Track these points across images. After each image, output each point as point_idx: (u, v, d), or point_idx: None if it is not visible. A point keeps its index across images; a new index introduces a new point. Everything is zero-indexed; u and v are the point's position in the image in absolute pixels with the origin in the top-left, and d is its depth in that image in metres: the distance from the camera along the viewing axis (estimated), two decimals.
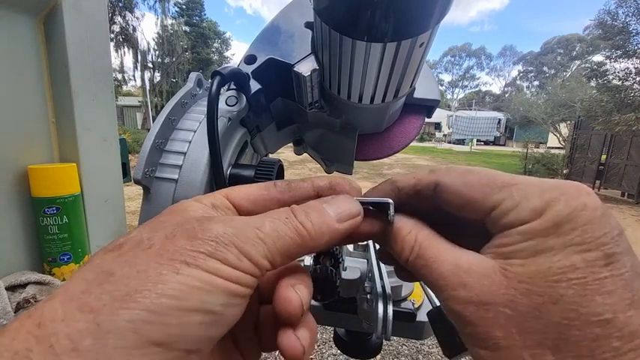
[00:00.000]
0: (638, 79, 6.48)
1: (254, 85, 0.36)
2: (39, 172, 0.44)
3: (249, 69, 0.36)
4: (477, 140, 22.98)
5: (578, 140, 8.19)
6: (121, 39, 16.01)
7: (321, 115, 0.38)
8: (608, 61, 7.04)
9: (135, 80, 19.43)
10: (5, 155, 0.42)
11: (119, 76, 17.93)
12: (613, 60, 6.89)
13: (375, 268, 0.38)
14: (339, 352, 0.59)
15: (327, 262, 0.37)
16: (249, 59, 0.36)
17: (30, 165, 0.44)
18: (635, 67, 6.53)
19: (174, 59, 18.65)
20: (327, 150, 0.48)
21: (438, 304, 0.27)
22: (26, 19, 0.43)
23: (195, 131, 0.33)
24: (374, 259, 0.39)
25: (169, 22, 18.78)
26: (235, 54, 25.87)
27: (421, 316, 0.41)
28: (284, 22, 0.37)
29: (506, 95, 40.02)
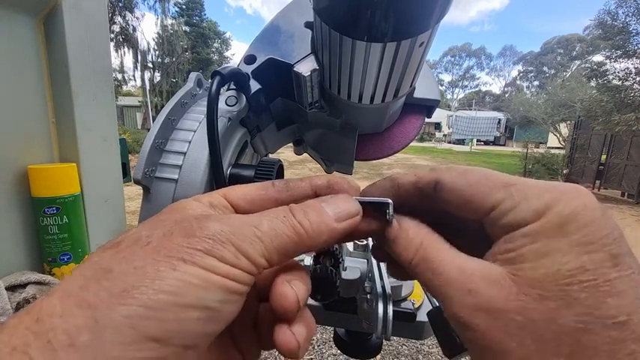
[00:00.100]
0: (638, 79, 6.48)
1: (254, 85, 0.36)
2: (39, 172, 0.44)
3: (249, 69, 0.36)
4: (477, 140, 22.98)
5: (578, 140, 8.19)
6: (121, 39, 16.01)
7: (321, 115, 0.38)
8: (608, 61, 7.04)
9: (135, 80, 19.47)
10: (5, 155, 0.42)
11: (119, 76, 17.94)
12: (613, 60, 6.89)
13: (375, 268, 0.38)
14: (339, 352, 0.59)
15: (327, 262, 0.37)
16: (249, 59, 0.36)
17: (30, 165, 0.44)
18: (635, 67, 6.53)
19: (174, 59, 18.66)
20: (327, 150, 0.48)
21: (437, 304, 0.27)
22: (26, 19, 0.43)
23: (195, 131, 0.33)
24: (374, 259, 0.39)
25: (169, 22, 18.80)
26: (235, 54, 25.89)
27: (421, 316, 0.40)
28: (284, 22, 0.37)
29: (506, 95, 40.01)
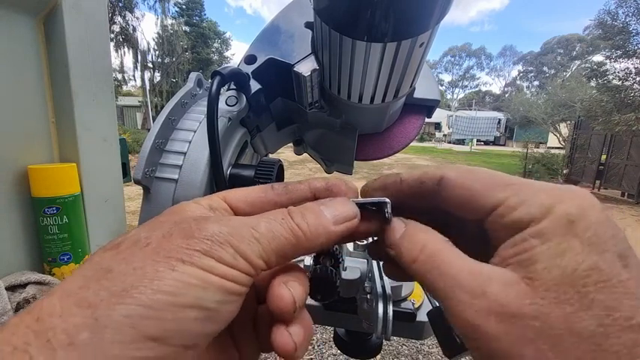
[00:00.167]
0: (638, 79, 6.48)
1: (254, 85, 0.36)
2: (39, 172, 0.44)
3: (249, 69, 0.36)
4: (477, 140, 22.98)
5: (578, 140, 8.19)
6: (121, 39, 16.01)
7: (321, 115, 0.38)
8: (608, 61, 7.04)
9: (135, 80, 19.47)
10: (5, 155, 0.42)
11: (119, 76, 17.95)
12: (613, 60, 6.89)
13: (375, 268, 0.38)
14: (339, 352, 0.59)
15: (327, 262, 0.37)
16: (249, 59, 0.36)
17: (30, 165, 0.44)
18: (635, 67, 6.53)
19: (174, 59, 18.65)
20: (327, 150, 0.48)
21: (437, 304, 0.27)
22: (26, 19, 0.43)
23: (195, 131, 0.33)
24: (370, 257, 0.39)
25: (169, 22, 18.80)
26: (235, 54, 25.89)
27: (421, 316, 0.41)
28: (284, 22, 0.37)
29: (506, 95, 40.01)
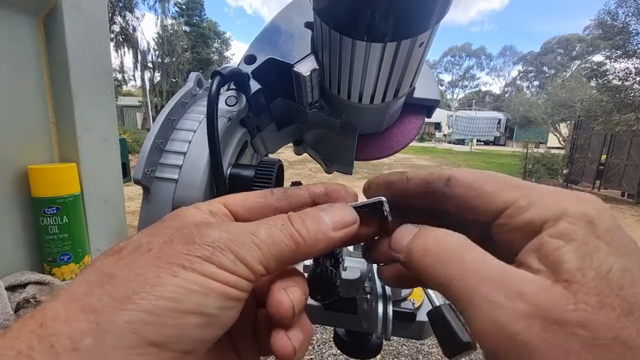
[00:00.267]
0: (638, 79, 6.48)
1: (254, 85, 0.36)
2: (39, 172, 0.44)
3: (249, 69, 0.36)
4: (477, 140, 22.98)
5: (578, 140, 8.19)
6: (121, 39, 16.01)
7: (321, 115, 0.38)
8: (608, 61, 7.05)
9: (135, 80, 19.46)
10: (5, 155, 0.42)
11: (119, 76, 17.94)
12: (613, 60, 6.89)
13: (375, 268, 0.38)
14: (339, 352, 0.59)
15: (327, 262, 0.37)
16: (249, 59, 0.36)
17: (30, 165, 0.44)
18: (635, 67, 6.53)
19: (174, 59, 18.65)
20: (327, 150, 0.48)
21: (438, 304, 0.27)
22: (26, 19, 0.43)
23: (195, 131, 0.33)
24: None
25: (169, 22, 18.80)
26: (235, 54, 25.90)
27: (421, 316, 0.41)
28: (284, 22, 0.37)
29: (506, 95, 40.01)
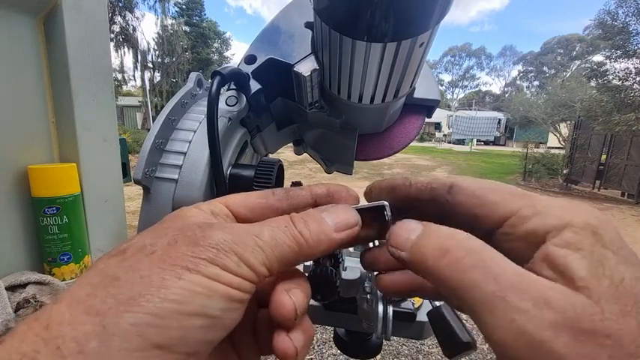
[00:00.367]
0: (638, 79, 6.48)
1: (254, 85, 0.36)
2: (39, 172, 0.44)
3: (249, 69, 0.36)
4: (477, 140, 22.98)
5: (578, 140, 8.19)
6: (121, 39, 16.01)
7: (321, 115, 0.38)
8: (608, 61, 7.04)
9: (135, 80, 19.46)
10: (5, 155, 0.42)
11: (119, 76, 17.94)
12: (613, 60, 6.89)
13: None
14: (339, 352, 0.59)
15: (327, 262, 0.37)
16: (249, 59, 0.36)
17: (30, 165, 0.44)
18: (635, 67, 6.53)
19: (174, 59, 18.66)
20: (327, 150, 0.48)
21: (438, 304, 0.27)
22: (26, 19, 0.43)
23: (195, 131, 0.33)
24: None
25: (169, 22, 18.80)
26: (235, 54, 25.90)
27: (421, 316, 0.41)
28: (284, 22, 0.37)
29: (506, 95, 40.02)
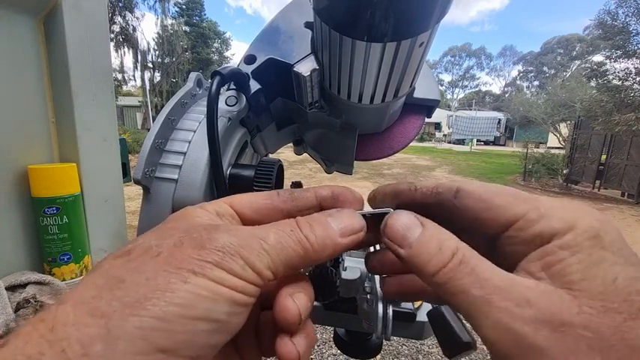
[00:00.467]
0: (638, 79, 6.47)
1: (254, 85, 0.36)
2: (39, 172, 0.44)
3: (249, 69, 0.36)
4: (477, 140, 22.98)
5: (578, 140, 8.19)
6: (121, 39, 16.01)
7: (321, 115, 0.38)
8: (608, 61, 7.04)
9: (135, 80, 19.46)
10: (5, 155, 0.42)
11: (119, 76, 17.94)
12: (613, 60, 6.89)
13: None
14: (339, 352, 0.59)
15: (327, 262, 0.37)
16: (249, 59, 0.36)
17: (30, 165, 0.44)
18: (635, 67, 6.53)
19: (174, 59, 18.66)
20: (327, 150, 0.48)
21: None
22: (26, 19, 0.43)
23: (195, 131, 0.33)
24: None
25: (169, 22, 18.80)
26: (235, 54, 25.90)
27: (421, 316, 0.41)
28: (284, 22, 0.37)
29: (506, 95, 40.01)
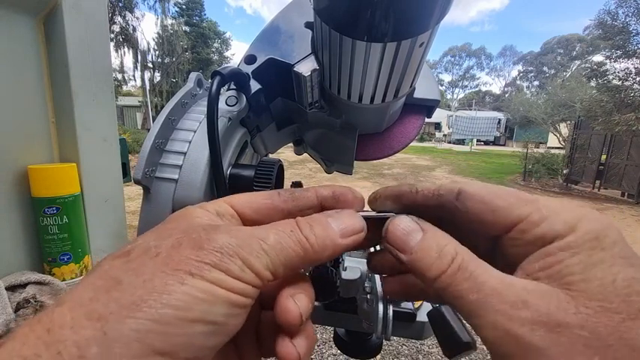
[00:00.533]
0: (638, 79, 6.47)
1: (254, 85, 0.36)
2: (39, 172, 0.44)
3: (249, 69, 0.36)
4: (477, 140, 22.98)
5: (578, 140, 8.18)
6: (121, 39, 16.01)
7: (321, 115, 0.38)
8: (608, 61, 7.04)
9: (135, 80, 19.45)
10: (5, 155, 0.42)
11: (119, 76, 17.93)
12: (613, 60, 6.88)
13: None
14: (339, 352, 0.59)
15: (327, 262, 0.37)
16: (249, 59, 0.36)
17: (30, 165, 0.44)
18: (635, 67, 6.53)
19: (174, 59, 18.66)
20: (327, 150, 0.48)
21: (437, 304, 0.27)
22: (26, 19, 0.43)
23: (195, 131, 0.33)
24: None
25: (169, 22, 18.79)
26: (235, 54, 25.89)
27: (421, 316, 0.41)
28: (284, 22, 0.37)
29: (506, 95, 40.00)
